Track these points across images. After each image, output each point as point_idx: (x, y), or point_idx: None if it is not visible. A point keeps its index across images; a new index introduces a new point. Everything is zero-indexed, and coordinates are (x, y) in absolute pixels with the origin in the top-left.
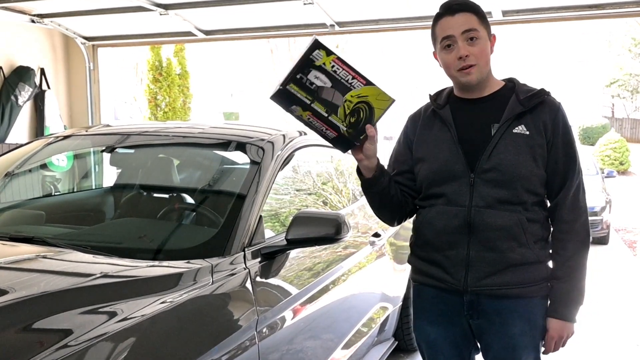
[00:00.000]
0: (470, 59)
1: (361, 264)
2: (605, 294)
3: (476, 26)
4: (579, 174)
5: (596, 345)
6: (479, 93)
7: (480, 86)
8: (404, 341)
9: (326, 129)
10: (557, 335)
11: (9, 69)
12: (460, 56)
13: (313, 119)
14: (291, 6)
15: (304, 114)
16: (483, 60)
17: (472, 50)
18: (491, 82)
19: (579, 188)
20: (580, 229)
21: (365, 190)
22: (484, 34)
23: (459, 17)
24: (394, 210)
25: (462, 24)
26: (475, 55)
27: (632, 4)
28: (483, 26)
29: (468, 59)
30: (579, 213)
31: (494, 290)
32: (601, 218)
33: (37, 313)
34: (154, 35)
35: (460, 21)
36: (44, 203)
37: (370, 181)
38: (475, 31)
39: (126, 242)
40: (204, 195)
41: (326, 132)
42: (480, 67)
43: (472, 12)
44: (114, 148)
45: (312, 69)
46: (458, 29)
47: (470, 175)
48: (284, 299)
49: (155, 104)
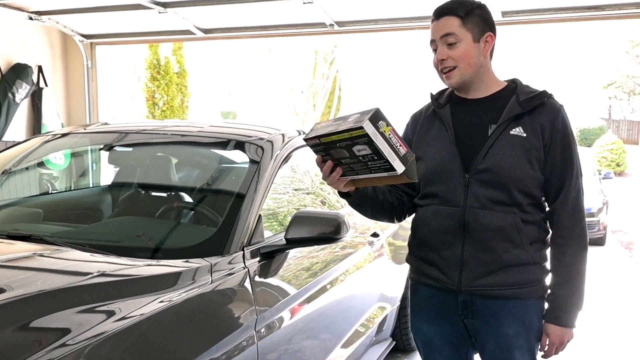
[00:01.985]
0: (448, 62)
1: (359, 264)
2: (602, 295)
3: (455, 30)
4: (577, 178)
5: (593, 345)
6: (479, 93)
7: (473, 87)
8: (401, 341)
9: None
10: (557, 341)
11: (7, 66)
12: (440, 59)
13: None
14: (290, 5)
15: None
16: (464, 62)
17: (450, 53)
18: (491, 82)
19: (578, 193)
20: (580, 233)
21: (355, 207)
22: (467, 36)
23: (441, 22)
24: (388, 212)
25: (441, 29)
26: (454, 59)
27: (632, 6)
28: (466, 29)
29: (445, 62)
30: (578, 218)
31: (488, 290)
32: (598, 219)
33: (35, 312)
34: (153, 33)
35: (440, 25)
36: (42, 201)
37: (357, 196)
38: (454, 35)
39: (125, 241)
40: (203, 194)
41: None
42: (461, 69)
43: (455, 15)
44: (112, 146)
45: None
46: (437, 33)
47: (465, 175)
48: (283, 298)
49: (153, 102)
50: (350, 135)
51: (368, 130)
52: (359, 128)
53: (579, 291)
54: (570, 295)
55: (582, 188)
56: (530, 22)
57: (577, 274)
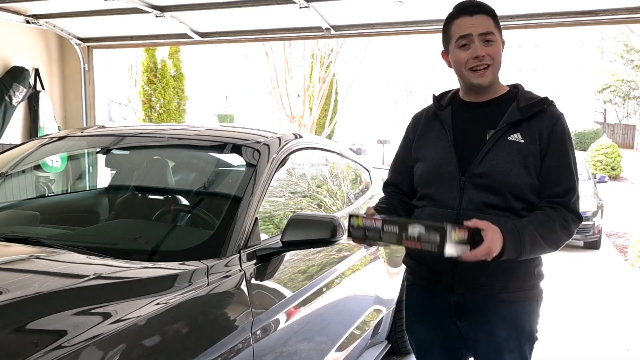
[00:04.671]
0: (487, 59)
1: (355, 267)
2: (596, 298)
3: (493, 30)
4: (575, 185)
5: (587, 348)
6: (484, 97)
7: (487, 89)
8: (397, 344)
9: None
10: (490, 246)
11: (4, 69)
12: (477, 55)
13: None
14: (287, 10)
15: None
16: (497, 61)
17: (489, 51)
18: (496, 86)
19: (576, 199)
20: (567, 226)
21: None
22: (499, 37)
23: (477, 19)
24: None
25: (480, 26)
26: (491, 56)
27: (625, 11)
28: (498, 30)
29: (484, 59)
30: (573, 218)
31: (481, 293)
32: (593, 223)
33: (31, 314)
34: (150, 37)
35: (479, 22)
36: (39, 204)
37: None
38: (492, 34)
39: (121, 243)
40: (200, 197)
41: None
42: (494, 68)
43: (489, 15)
44: (109, 149)
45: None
46: (476, 29)
47: (461, 178)
48: (279, 301)
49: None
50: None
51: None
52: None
53: (537, 241)
54: (531, 232)
55: (578, 194)
56: (526, 26)
57: (547, 233)
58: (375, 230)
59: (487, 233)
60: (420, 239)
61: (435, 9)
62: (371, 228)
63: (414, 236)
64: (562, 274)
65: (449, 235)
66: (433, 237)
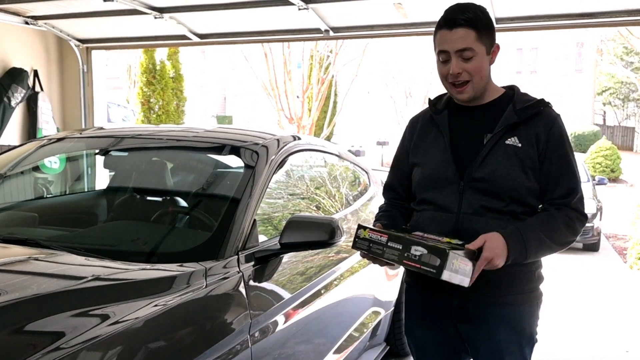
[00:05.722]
0: (463, 76)
1: (354, 269)
2: (595, 301)
3: (472, 44)
4: (577, 185)
5: (586, 350)
6: (478, 101)
7: (478, 97)
8: (395, 346)
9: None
10: (490, 255)
11: (2, 70)
12: (452, 73)
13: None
14: (286, 11)
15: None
16: (478, 76)
17: (466, 67)
18: (490, 89)
19: (580, 199)
20: (571, 224)
21: None
22: (481, 49)
23: (456, 33)
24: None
25: (457, 42)
26: (469, 72)
27: (624, 13)
28: (481, 42)
29: (460, 76)
30: (579, 217)
31: (480, 297)
32: (592, 225)
33: (29, 315)
34: (149, 38)
35: (456, 37)
36: (37, 205)
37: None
38: (471, 50)
39: (120, 245)
40: (198, 198)
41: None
42: (474, 83)
43: (471, 27)
44: (108, 151)
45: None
46: (453, 45)
47: (460, 182)
48: (277, 302)
49: (148, 107)
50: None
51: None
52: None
53: (543, 241)
54: (535, 232)
55: (582, 194)
56: (524, 29)
57: (551, 232)
58: (379, 245)
59: (485, 245)
60: (421, 260)
61: (434, 10)
62: (376, 241)
63: (415, 256)
64: (561, 276)
65: (449, 262)
66: (434, 260)
